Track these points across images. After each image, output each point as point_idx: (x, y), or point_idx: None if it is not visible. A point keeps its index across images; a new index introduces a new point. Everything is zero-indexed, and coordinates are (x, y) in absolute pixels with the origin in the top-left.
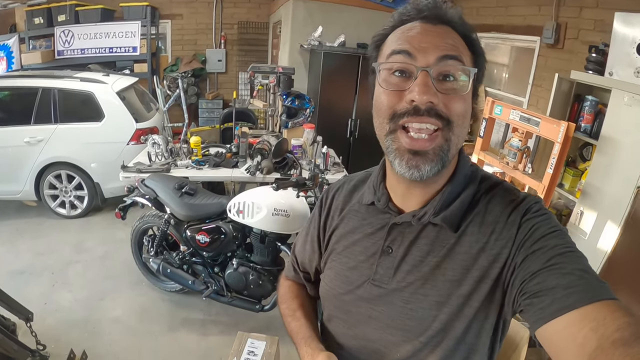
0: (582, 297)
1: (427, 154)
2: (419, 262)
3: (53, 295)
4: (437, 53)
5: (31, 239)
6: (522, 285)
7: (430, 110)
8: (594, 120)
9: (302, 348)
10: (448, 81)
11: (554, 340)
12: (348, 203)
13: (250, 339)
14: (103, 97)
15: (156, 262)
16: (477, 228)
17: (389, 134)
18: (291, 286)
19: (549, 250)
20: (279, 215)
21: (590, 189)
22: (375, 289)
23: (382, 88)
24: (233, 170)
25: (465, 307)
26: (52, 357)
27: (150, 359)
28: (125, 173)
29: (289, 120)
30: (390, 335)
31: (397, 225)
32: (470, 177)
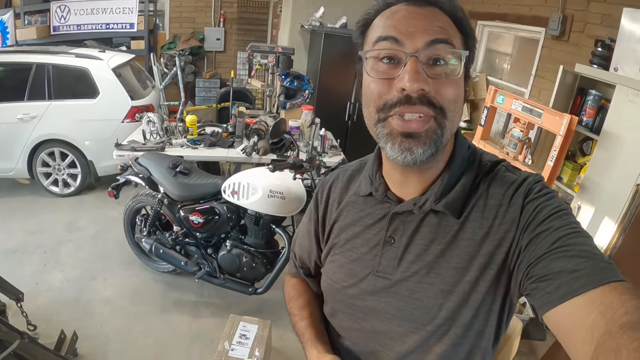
0: (589, 280)
1: (419, 136)
2: (422, 250)
3: (44, 275)
4: (426, 37)
5: (24, 217)
6: (528, 268)
7: (422, 98)
8: (596, 115)
9: (308, 349)
10: (439, 65)
11: (562, 324)
12: (345, 195)
13: (242, 322)
14: (98, 73)
15: (148, 242)
16: (480, 213)
17: (379, 122)
18: (296, 284)
19: (554, 232)
20: (274, 197)
21: (589, 184)
22: (380, 280)
23: (370, 77)
24: (229, 151)
25: (472, 293)
26: (42, 337)
27: (141, 341)
28: (119, 151)
29: (287, 101)
30: (397, 327)
31: (398, 215)
32: (470, 160)
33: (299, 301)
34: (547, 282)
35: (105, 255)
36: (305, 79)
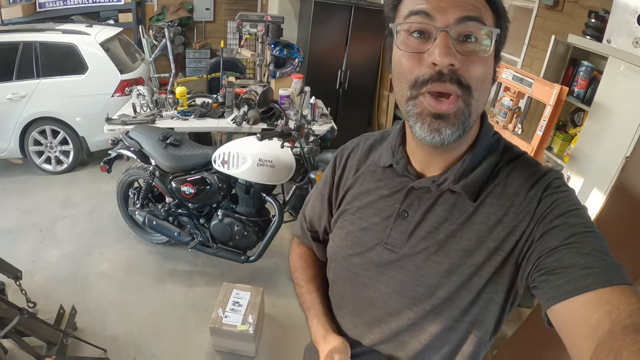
0: (599, 279)
1: (448, 117)
2: (434, 228)
3: (41, 253)
4: (457, 13)
5: (18, 197)
6: (538, 260)
7: (452, 75)
8: (588, 86)
9: (314, 325)
10: (469, 42)
11: (566, 319)
12: (363, 163)
13: (235, 289)
14: (86, 48)
15: (142, 215)
16: (496, 200)
17: (410, 99)
18: (303, 253)
19: (569, 228)
20: (264, 165)
21: (579, 155)
22: (387, 252)
23: (401, 51)
24: (219, 121)
25: (475, 277)
26: (42, 313)
27: (138, 312)
28: (110, 125)
29: (276, 70)
30: (395, 302)
31: (414, 190)
32: (493, 146)
33: (306, 273)
34: (556, 276)
35: (101, 230)
36: (295, 48)
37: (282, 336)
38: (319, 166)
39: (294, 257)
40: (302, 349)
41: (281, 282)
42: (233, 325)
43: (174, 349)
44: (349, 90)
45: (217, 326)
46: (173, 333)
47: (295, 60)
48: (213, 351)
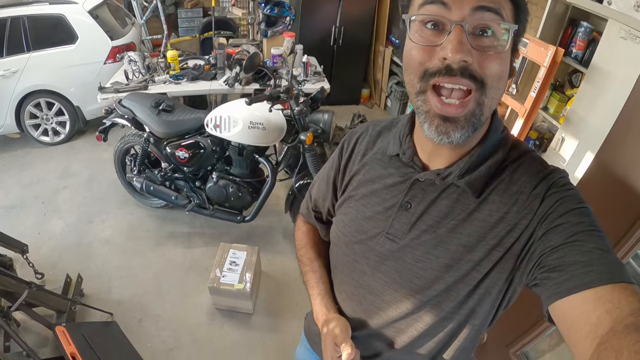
0: (600, 276)
1: (457, 120)
2: (436, 222)
3: (45, 225)
4: (473, 2)
5: (18, 171)
6: (540, 258)
7: (463, 71)
8: (586, 48)
9: (316, 304)
10: (485, 36)
11: (566, 316)
12: (371, 150)
13: (232, 249)
14: (74, 17)
15: (139, 181)
16: (499, 197)
17: (420, 93)
18: (309, 232)
19: (572, 227)
20: (255, 128)
21: (574, 117)
22: (388, 242)
23: (413, 42)
24: (212, 83)
25: (473, 271)
26: (50, 283)
27: (141, 275)
28: (103, 94)
29: (268, 29)
30: (394, 290)
31: (419, 182)
32: (501, 143)
33: (310, 252)
34: (558, 273)
35: (101, 197)
36: (286, 5)
37: (278, 293)
38: (310, 127)
39: (299, 235)
40: (297, 304)
41: (277, 240)
42: (230, 284)
43: (176, 309)
44: (344, 46)
45: (215, 285)
46: (175, 293)
47: (287, 18)
48: (213, 309)
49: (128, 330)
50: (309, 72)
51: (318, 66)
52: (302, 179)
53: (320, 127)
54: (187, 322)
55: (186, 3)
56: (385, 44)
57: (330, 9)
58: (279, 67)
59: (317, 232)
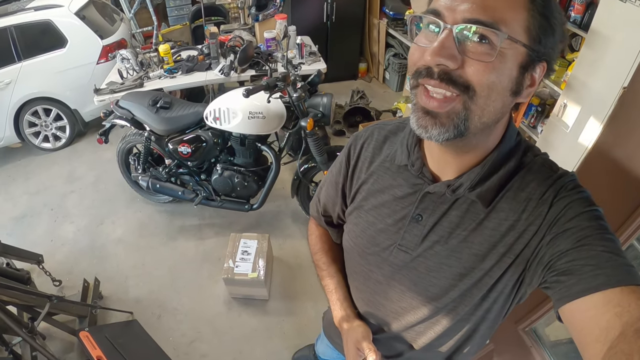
0: (609, 279)
1: (438, 116)
2: (447, 233)
3: (57, 231)
4: (466, 13)
5: (24, 181)
6: (550, 262)
7: (443, 76)
8: (585, 11)
9: (336, 308)
10: (483, 43)
11: (576, 320)
12: (377, 156)
13: (242, 239)
14: (62, 21)
15: (144, 180)
16: (508, 204)
17: (413, 88)
18: (323, 235)
19: (581, 231)
20: (255, 117)
21: (576, 83)
22: (401, 254)
23: (412, 42)
24: (207, 73)
25: (485, 277)
26: (68, 289)
27: (155, 271)
28: (99, 96)
29: (258, 13)
30: (410, 298)
31: (429, 194)
32: (513, 151)
33: (327, 256)
34: (567, 277)
35: (109, 198)
36: None
37: (292, 276)
38: (309, 112)
39: (313, 239)
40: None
41: (286, 224)
42: (244, 274)
43: (193, 301)
44: (337, 22)
45: (229, 276)
46: (191, 286)
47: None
48: (229, 299)
49: (149, 326)
50: (304, 54)
51: (313, 46)
52: (306, 163)
53: (320, 111)
54: (205, 314)
55: None
56: (380, 16)
57: None
58: (273, 51)
59: (329, 235)
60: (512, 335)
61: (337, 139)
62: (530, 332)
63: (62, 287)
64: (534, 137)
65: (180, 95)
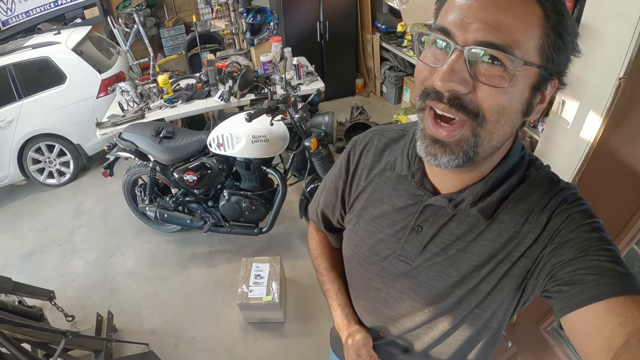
0: (612, 288)
1: (448, 144)
2: (447, 245)
3: (67, 267)
4: (478, 35)
5: (31, 218)
6: (552, 272)
7: (453, 101)
8: (574, 7)
9: (337, 314)
10: (494, 65)
11: (579, 329)
12: (377, 164)
13: (254, 263)
14: (59, 57)
15: (152, 210)
16: (509, 216)
17: (419, 110)
18: (323, 240)
19: (583, 242)
20: (258, 141)
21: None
22: (401, 264)
23: (419, 60)
24: (207, 101)
25: (482, 283)
26: (81, 324)
27: (169, 301)
28: (102, 130)
29: (253, 38)
30: (409, 305)
31: (430, 206)
32: (517, 165)
33: (327, 261)
34: (569, 286)
35: (117, 231)
36: (268, 11)
37: (306, 297)
38: (312, 131)
39: (313, 244)
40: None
41: (296, 245)
42: (259, 297)
43: (209, 329)
44: (331, 40)
45: (244, 302)
46: (205, 314)
47: (271, 23)
48: (245, 324)
49: (165, 357)
50: (301, 74)
51: (309, 66)
52: (312, 183)
53: (323, 130)
54: (222, 340)
55: (167, 22)
56: (372, 31)
57: (312, 6)
58: (270, 74)
59: (329, 241)
60: (534, 336)
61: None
62: (552, 331)
63: (75, 322)
64: (535, 136)
65: (181, 125)
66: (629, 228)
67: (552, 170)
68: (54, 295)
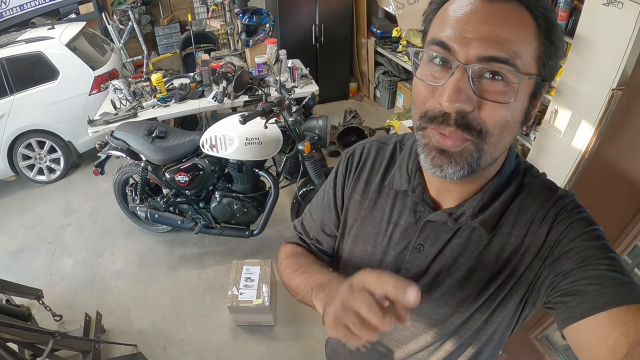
0: (614, 298)
1: (453, 155)
2: (450, 263)
3: (55, 265)
4: (480, 50)
5: (19, 215)
6: (553, 282)
7: (459, 121)
8: (569, 17)
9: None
10: (497, 80)
11: (582, 340)
12: (374, 177)
13: (245, 266)
14: (53, 53)
15: (143, 210)
16: (509, 229)
17: (419, 129)
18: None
19: (584, 251)
20: (251, 144)
21: (565, 88)
22: None
23: (417, 78)
24: (200, 101)
25: (488, 301)
26: (70, 324)
27: (158, 302)
28: (93, 127)
29: (249, 39)
30: (413, 327)
31: (430, 222)
32: (513, 173)
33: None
34: (571, 297)
35: (107, 230)
36: (264, 13)
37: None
38: (305, 135)
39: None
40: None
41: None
42: (249, 300)
43: (198, 331)
44: (326, 43)
45: (234, 304)
46: (195, 316)
47: (266, 25)
48: (235, 327)
49: (154, 359)
50: (295, 77)
51: (304, 68)
52: (305, 186)
53: (316, 134)
54: (211, 343)
55: (162, 20)
56: (367, 35)
57: (308, 9)
58: (265, 75)
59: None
60: (524, 344)
61: (333, 159)
62: (543, 339)
63: (63, 322)
64: (527, 144)
65: (174, 124)
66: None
67: (548, 178)
68: (42, 295)
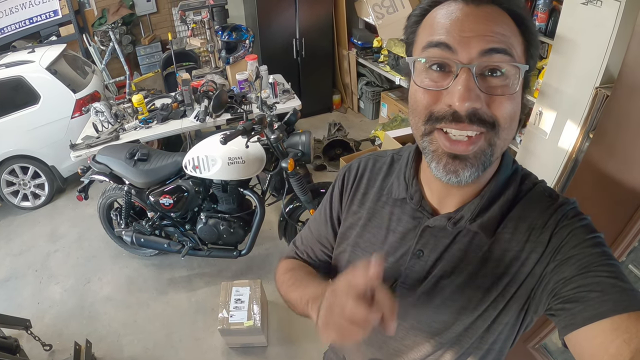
0: (616, 305)
1: (467, 158)
2: (451, 270)
3: (43, 293)
4: (482, 45)
5: (5, 243)
6: (555, 289)
7: (472, 117)
8: (549, 19)
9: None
10: (495, 77)
11: (584, 347)
12: (372, 188)
13: (234, 287)
14: (33, 76)
15: (128, 234)
16: (510, 235)
17: (425, 135)
18: (285, 262)
19: (585, 258)
20: (234, 163)
21: (548, 89)
22: (405, 291)
23: (417, 86)
24: (182, 121)
25: (489, 309)
26: (59, 353)
27: (149, 327)
28: (76, 152)
29: (229, 56)
30: (414, 336)
31: (429, 228)
32: (511, 178)
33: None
34: (573, 304)
35: (93, 255)
36: (243, 29)
37: (288, 319)
38: (289, 152)
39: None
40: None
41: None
42: (240, 322)
43: (190, 355)
44: (307, 57)
45: (225, 327)
46: (186, 340)
47: (246, 41)
48: (227, 349)
49: None
50: (277, 92)
51: (286, 83)
52: (291, 203)
53: (300, 150)
54: None
55: (143, 39)
56: (348, 47)
57: (288, 23)
58: (246, 92)
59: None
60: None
61: (319, 174)
62: (541, 348)
63: (53, 352)
64: (513, 147)
65: (157, 145)
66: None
67: (548, 185)
68: (30, 324)
